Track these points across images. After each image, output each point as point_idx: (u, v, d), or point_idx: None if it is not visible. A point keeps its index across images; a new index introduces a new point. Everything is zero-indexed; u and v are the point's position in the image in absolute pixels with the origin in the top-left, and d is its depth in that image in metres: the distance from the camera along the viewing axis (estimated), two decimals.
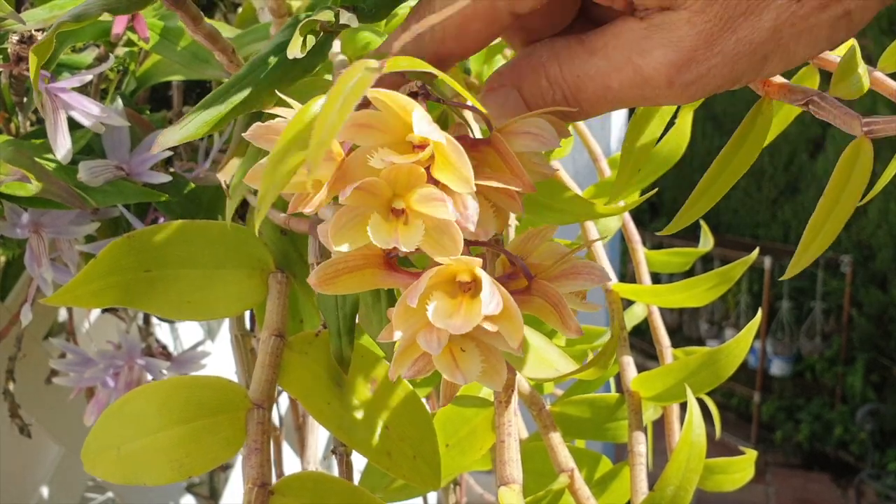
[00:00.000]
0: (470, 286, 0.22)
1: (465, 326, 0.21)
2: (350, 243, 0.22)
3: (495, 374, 0.23)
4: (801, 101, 0.25)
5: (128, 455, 0.29)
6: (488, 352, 0.23)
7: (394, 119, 0.22)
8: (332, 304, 0.32)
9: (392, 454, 0.30)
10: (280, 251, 0.34)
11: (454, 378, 0.22)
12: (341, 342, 0.31)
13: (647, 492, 0.35)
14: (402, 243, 0.21)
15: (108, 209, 0.42)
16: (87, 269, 0.30)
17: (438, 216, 0.21)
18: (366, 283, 0.24)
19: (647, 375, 0.39)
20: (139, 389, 0.30)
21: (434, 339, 0.21)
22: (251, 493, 0.28)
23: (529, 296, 0.24)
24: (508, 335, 0.22)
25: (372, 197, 0.22)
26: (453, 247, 0.22)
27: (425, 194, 0.21)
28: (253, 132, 0.23)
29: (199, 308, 0.32)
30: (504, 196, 0.24)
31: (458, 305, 0.21)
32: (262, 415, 0.30)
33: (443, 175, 0.22)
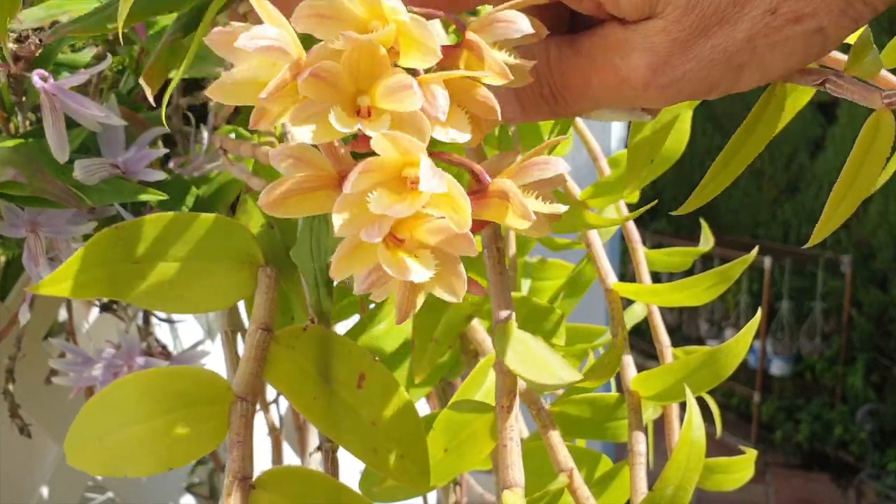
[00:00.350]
0: (416, 182, 0.20)
1: (408, 210, 0.20)
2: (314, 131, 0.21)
3: (451, 278, 0.22)
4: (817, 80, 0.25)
5: (110, 446, 0.29)
6: (443, 257, 0.21)
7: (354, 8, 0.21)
8: (307, 256, 0.31)
9: (378, 451, 0.30)
10: (267, 245, 0.34)
11: (403, 274, 0.20)
12: (319, 293, 0.31)
13: (647, 491, 0.35)
14: (367, 128, 0.20)
15: (104, 208, 0.42)
16: (72, 260, 0.30)
17: (405, 108, 0.20)
18: (319, 204, 0.22)
19: (646, 375, 0.39)
20: (121, 380, 0.30)
21: (375, 227, 0.20)
22: (232, 486, 0.28)
23: (486, 198, 0.23)
24: (455, 222, 0.20)
25: (332, 89, 0.21)
26: (420, 139, 0.21)
27: (391, 84, 0.20)
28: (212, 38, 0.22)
29: (187, 301, 0.32)
30: (480, 104, 0.22)
31: (403, 199, 0.20)
32: (245, 408, 0.30)
33: (408, 58, 0.21)
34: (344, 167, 0.23)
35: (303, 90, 0.21)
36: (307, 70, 0.20)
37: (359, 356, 0.31)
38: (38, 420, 0.60)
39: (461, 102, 0.22)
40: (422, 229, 0.21)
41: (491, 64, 0.22)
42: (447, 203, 0.21)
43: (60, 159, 0.38)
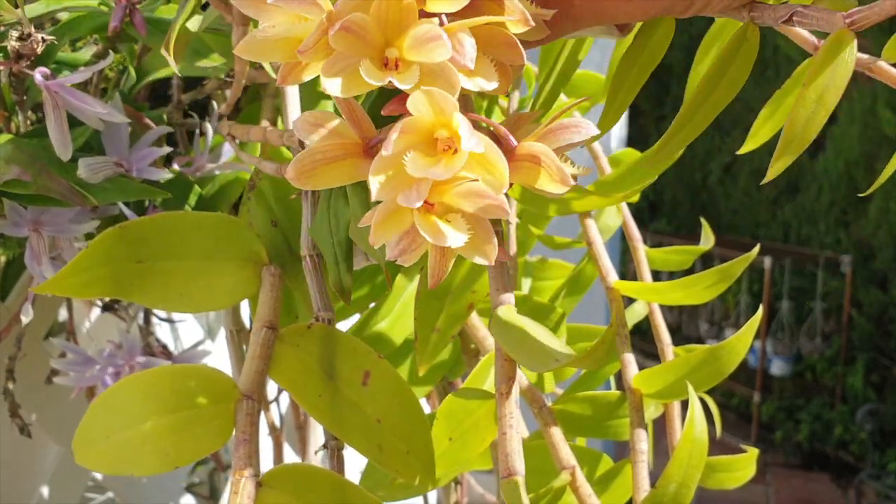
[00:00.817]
0: (449, 144, 0.20)
1: (446, 173, 0.20)
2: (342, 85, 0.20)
3: (483, 245, 0.22)
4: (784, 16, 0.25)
5: (115, 445, 0.29)
6: (476, 223, 0.21)
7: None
8: (326, 233, 0.31)
9: (384, 448, 0.30)
10: (271, 243, 0.34)
11: (438, 239, 0.20)
12: (339, 270, 0.31)
13: (650, 489, 0.35)
14: (398, 81, 0.20)
15: (107, 207, 0.42)
16: (77, 259, 0.30)
17: (434, 58, 0.20)
18: (346, 174, 0.22)
19: (648, 372, 0.39)
20: (126, 379, 0.30)
21: (413, 192, 0.20)
22: (238, 484, 0.28)
23: (516, 161, 0.23)
24: (491, 184, 0.20)
25: (362, 42, 0.21)
26: (450, 89, 0.20)
27: (419, 34, 0.20)
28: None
29: (191, 300, 0.32)
30: (503, 46, 0.22)
31: (438, 160, 0.20)
32: (251, 406, 0.30)
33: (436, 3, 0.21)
34: (366, 133, 0.23)
35: (333, 43, 0.20)
36: (338, 23, 0.20)
37: (364, 353, 0.31)
38: (38, 420, 0.60)
39: (485, 50, 0.22)
40: (453, 193, 0.21)
41: (512, 9, 0.22)
42: (482, 165, 0.20)
43: (63, 157, 0.38)
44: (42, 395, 0.60)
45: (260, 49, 0.22)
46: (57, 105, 0.38)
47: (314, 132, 0.22)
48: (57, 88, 0.38)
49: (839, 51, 0.24)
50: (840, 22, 0.24)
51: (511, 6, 0.22)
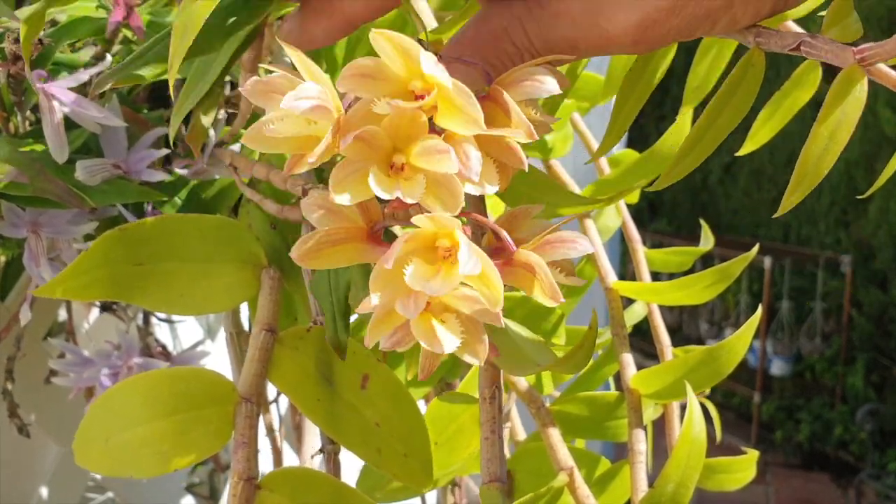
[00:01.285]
0: (450, 252, 0.21)
1: (444, 288, 0.20)
2: (351, 194, 0.21)
3: (476, 345, 0.22)
4: (792, 45, 0.25)
5: (115, 447, 0.29)
6: (469, 323, 0.22)
7: (395, 68, 0.22)
8: (325, 289, 0.32)
9: (382, 451, 0.30)
10: (270, 246, 0.34)
11: (432, 346, 0.21)
12: (336, 327, 0.31)
13: (648, 489, 0.35)
14: (404, 195, 0.21)
15: (106, 208, 0.42)
16: (77, 262, 0.30)
17: (441, 170, 0.21)
18: (349, 257, 0.23)
19: (646, 373, 0.39)
20: (126, 381, 0.30)
21: (411, 302, 0.21)
22: (237, 487, 0.28)
23: (512, 266, 0.23)
24: (488, 299, 0.21)
25: (371, 150, 0.21)
26: (453, 201, 0.21)
27: (428, 146, 0.21)
28: (250, 88, 0.23)
29: (191, 302, 0.32)
30: (506, 150, 0.23)
31: (437, 270, 0.21)
32: (250, 409, 0.30)
33: (447, 121, 0.21)
34: (372, 217, 0.24)
35: (345, 152, 0.21)
36: (351, 134, 0.21)
37: (362, 357, 0.31)
38: (37, 420, 0.60)
39: (487, 151, 0.23)
40: (451, 296, 0.21)
41: (518, 122, 0.23)
42: (480, 280, 0.21)
43: (59, 160, 0.38)
44: (41, 396, 0.60)
45: (268, 143, 0.23)
46: (53, 108, 0.38)
47: (320, 213, 0.23)
48: (54, 91, 0.38)
49: (850, 88, 0.24)
50: (851, 58, 0.24)
51: (517, 119, 0.23)
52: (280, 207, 0.34)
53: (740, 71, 0.27)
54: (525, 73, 0.24)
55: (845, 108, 0.24)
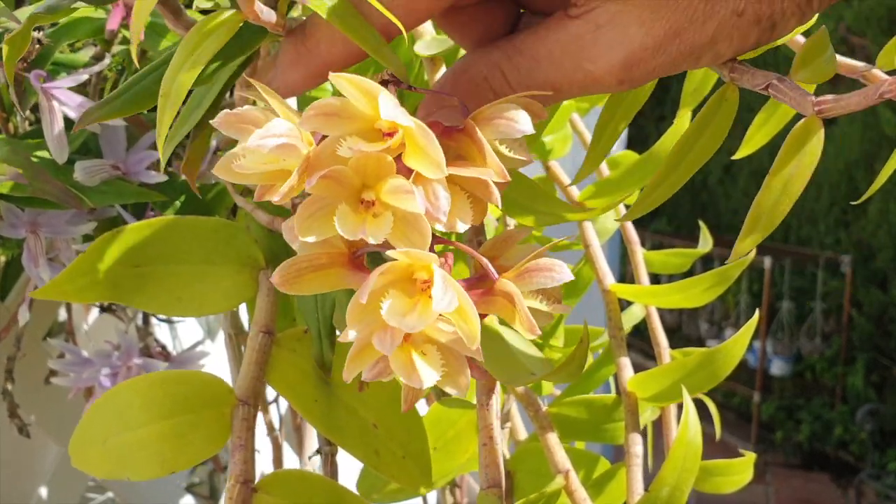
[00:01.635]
0: (428, 284, 0.21)
1: (419, 325, 0.20)
2: (317, 234, 0.21)
3: (457, 377, 0.22)
4: (762, 85, 0.25)
5: (112, 449, 0.29)
6: (449, 354, 0.22)
7: (361, 106, 0.22)
8: (311, 307, 0.32)
9: (380, 453, 0.30)
10: (268, 248, 0.34)
11: (411, 381, 0.21)
12: (322, 345, 0.31)
13: (643, 493, 0.35)
14: (369, 235, 0.21)
15: (104, 209, 0.42)
16: (74, 264, 0.30)
17: (408, 209, 0.21)
18: (330, 282, 0.23)
19: (643, 376, 0.39)
20: (125, 384, 0.30)
21: (388, 338, 0.21)
22: (234, 490, 0.28)
23: (493, 296, 0.23)
24: (465, 335, 0.21)
25: (340, 187, 0.21)
26: (421, 240, 0.21)
27: (394, 186, 0.21)
28: (222, 120, 0.23)
29: (189, 304, 0.32)
30: (479, 186, 0.23)
31: (415, 304, 0.21)
32: (247, 411, 0.30)
33: (413, 161, 0.21)
34: (355, 243, 0.23)
35: (311, 191, 0.21)
36: (317, 174, 0.21)
37: None
38: (37, 420, 0.60)
39: (462, 184, 0.23)
40: (431, 327, 0.21)
41: (491, 163, 0.23)
42: (457, 314, 0.21)
43: (59, 160, 0.38)
44: (41, 396, 0.60)
45: (238, 176, 0.23)
46: (52, 108, 0.38)
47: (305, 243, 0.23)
48: (53, 90, 0.38)
49: (807, 139, 0.24)
50: (809, 108, 0.24)
51: (490, 160, 0.23)
52: (271, 219, 0.34)
53: (714, 105, 0.27)
54: (499, 109, 0.24)
55: (801, 158, 0.24)
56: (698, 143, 0.27)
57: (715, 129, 0.27)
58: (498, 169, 0.23)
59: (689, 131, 0.27)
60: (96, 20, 0.42)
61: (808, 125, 0.24)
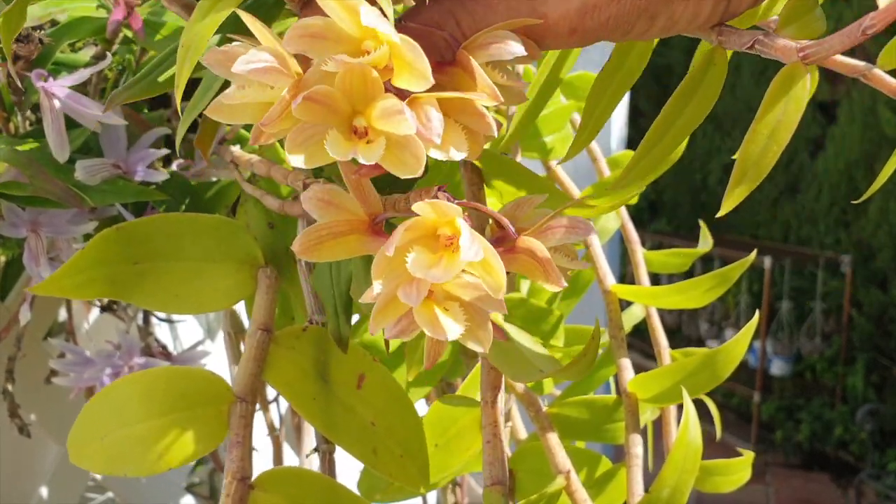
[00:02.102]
0: (451, 240, 0.21)
1: (446, 276, 0.20)
2: (307, 159, 0.21)
3: (480, 332, 0.22)
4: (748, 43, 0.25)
5: (110, 445, 0.29)
6: (472, 310, 0.22)
7: (346, 26, 0.21)
8: (327, 283, 0.32)
9: (378, 451, 0.30)
10: (268, 246, 0.34)
11: (436, 333, 0.21)
12: (339, 320, 0.31)
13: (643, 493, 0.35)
14: (361, 156, 0.21)
15: (105, 208, 0.42)
16: (73, 260, 0.30)
17: (400, 131, 0.20)
18: (350, 249, 0.23)
19: (644, 377, 0.39)
20: (122, 380, 0.30)
21: (413, 290, 0.21)
22: (231, 487, 0.28)
23: (515, 254, 0.23)
24: (490, 286, 0.21)
25: (329, 112, 0.21)
26: (415, 163, 0.21)
27: (385, 108, 0.21)
28: (210, 57, 0.22)
29: (187, 301, 0.32)
30: (474, 116, 0.23)
31: (439, 258, 0.21)
32: (245, 408, 0.30)
33: (401, 79, 0.21)
34: (372, 209, 0.23)
35: (297, 114, 0.21)
36: (300, 94, 0.21)
37: (359, 357, 0.31)
38: (38, 420, 0.60)
39: (456, 117, 0.23)
40: (453, 284, 0.21)
41: (483, 86, 0.23)
42: (482, 267, 0.21)
43: (60, 159, 0.38)
44: (41, 396, 0.60)
45: (229, 113, 0.22)
46: (54, 107, 0.38)
47: (322, 207, 0.23)
48: (54, 90, 0.38)
49: (790, 85, 0.24)
50: (793, 55, 0.23)
51: (482, 82, 0.23)
52: (281, 202, 0.34)
53: (701, 69, 0.26)
54: (490, 36, 0.24)
55: (787, 104, 0.24)
56: (686, 109, 0.27)
57: (703, 96, 0.26)
58: (490, 91, 0.23)
59: (677, 97, 0.27)
60: (97, 20, 0.42)
61: (793, 71, 0.24)
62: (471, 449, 0.34)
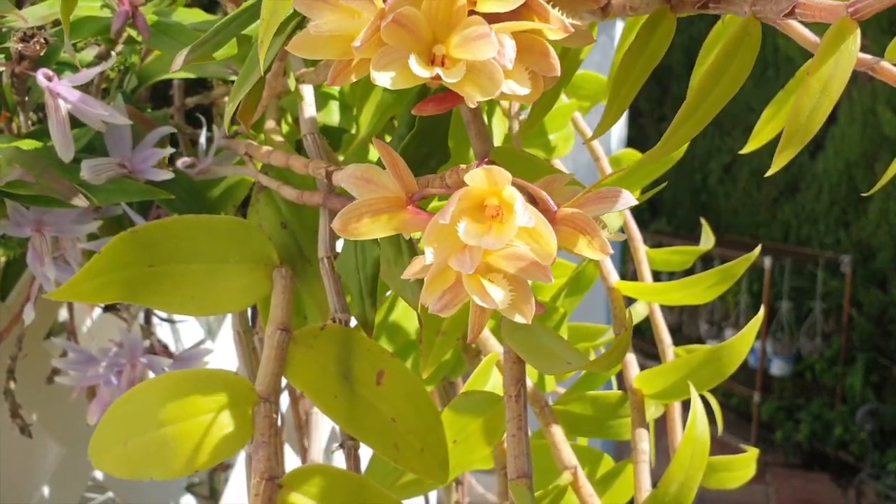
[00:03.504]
0: (497, 211, 0.22)
1: (498, 243, 0.21)
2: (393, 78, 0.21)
3: (524, 304, 0.23)
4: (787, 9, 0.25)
5: (135, 449, 0.29)
6: (515, 283, 0.23)
7: None
8: (352, 267, 0.32)
9: (399, 447, 0.30)
10: (282, 245, 0.34)
11: (485, 301, 0.22)
12: (364, 305, 0.31)
13: (651, 489, 0.35)
14: (446, 76, 0.21)
15: (110, 207, 0.42)
16: (89, 265, 0.30)
17: (480, 56, 0.21)
18: (389, 226, 0.24)
19: (649, 373, 0.39)
20: (144, 384, 0.30)
21: (467, 258, 0.21)
22: (259, 486, 0.28)
23: (556, 225, 0.24)
24: (540, 254, 0.22)
25: (411, 37, 0.22)
26: (492, 85, 0.21)
27: (469, 33, 0.21)
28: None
29: (204, 303, 0.32)
30: (539, 56, 0.23)
31: (489, 228, 0.21)
32: (269, 408, 0.30)
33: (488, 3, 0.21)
34: (408, 187, 0.24)
35: (385, 36, 0.21)
36: (389, 15, 0.21)
37: (377, 353, 0.31)
38: (39, 420, 0.60)
39: (521, 58, 0.23)
40: (497, 255, 0.22)
41: (553, 20, 0.23)
42: (531, 235, 0.22)
43: (65, 159, 0.38)
44: (43, 395, 0.60)
45: (313, 46, 0.23)
46: (59, 106, 0.38)
47: (361, 185, 0.23)
48: (59, 90, 0.38)
49: (842, 40, 0.24)
50: (842, 11, 0.24)
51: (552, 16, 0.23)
52: (300, 193, 0.34)
53: (735, 41, 0.26)
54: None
55: (838, 60, 0.24)
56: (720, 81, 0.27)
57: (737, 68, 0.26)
58: (562, 24, 0.23)
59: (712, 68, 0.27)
60: (101, 19, 0.42)
61: (842, 27, 0.24)
62: (491, 444, 0.34)
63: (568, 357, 0.26)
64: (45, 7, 0.39)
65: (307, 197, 0.34)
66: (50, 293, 0.31)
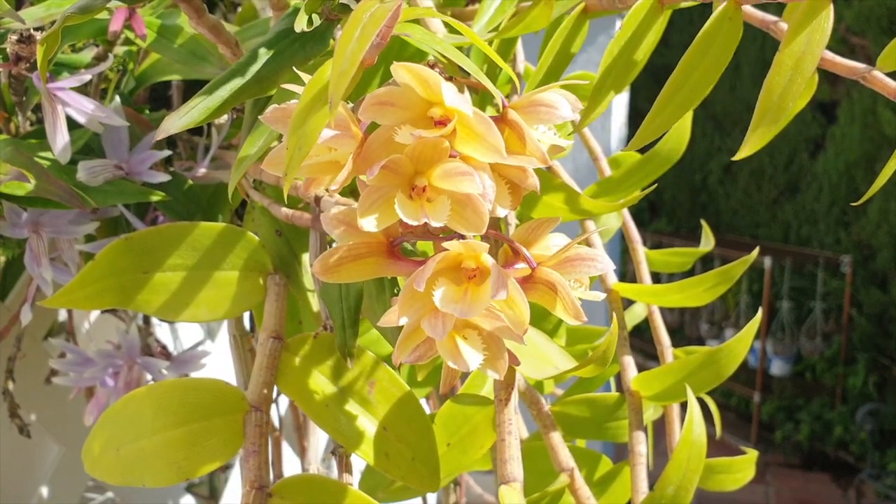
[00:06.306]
0: (474, 273, 0.22)
1: (472, 312, 0.21)
2: (378, 219, 0.22)
3: (497, 362, 0.23)
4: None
5: (127, 456, 0.29)
6: (490, 340, 0.23)
7: (415, 95, 0.22)
8: (336, 297, 0.32)
9: (390, 455, 0.30)
10: (275, 253, 0.34)
11: (457, 364, 0.22)
12: (346, 334, 0.31)
13: (648, 491, 0.35)
14: (431, 218, 0.22)
15: (107, 208, 0.42)
16: (84, 272, 0.31)
17: (464, 190, 0.21)
18: (369, 271, 0.24)
19: (647, 375, 0.39)
20: (137, 391, 0.30)
21: (439, 324, 0.21)
22: (249, 496, 0.28)
23: (532, 283, 0.24)
24: (513, 322, 0.22)
25: (395, 175, 0.22)
26: (478, 220, 0.22)
27: (450, 169, 0.22)
28: (269, 115, 0.23)
29: (198, 309, 0.32)
30: (518, 172, 0.24)
31: (464, 292, 0.21)
32: (259, 417, 0.30)
33: (467, 147, 0.22)
34: (391, 233, 0.24)
35: (371, 182, 0.22)
36: (378, 165, 0.22)
37: (369, 362, 0.31)
38: (38, 420, 0.60)
39: (501, 172, 0.24)
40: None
41: (533, 150, 0.24)
42: (506, 303, 0.22)
43: (62, 160, 0.38)
44: (41, 396, 0.60)
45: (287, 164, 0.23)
46: (55, 107, 0.38)
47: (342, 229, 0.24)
48: (56, 91, 0.38)
49: (813, 16, 0.23)
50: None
51: (532, 145, 0.24)
52: (289, 213, 0.34)
53: (715, 24, 0.26)
54: (540, 98, 0.24)
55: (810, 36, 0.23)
56: (702, 63, 0.26)
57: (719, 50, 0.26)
58: (540, 156, 0.23)
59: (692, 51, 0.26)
60: (98, 21, 0.42)
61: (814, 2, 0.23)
62: (484, 447, 0.34)
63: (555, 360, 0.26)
64: (42, 8, 0.39)
65: (297, 218, 0.34)
66: (46, 300, 0.31)
